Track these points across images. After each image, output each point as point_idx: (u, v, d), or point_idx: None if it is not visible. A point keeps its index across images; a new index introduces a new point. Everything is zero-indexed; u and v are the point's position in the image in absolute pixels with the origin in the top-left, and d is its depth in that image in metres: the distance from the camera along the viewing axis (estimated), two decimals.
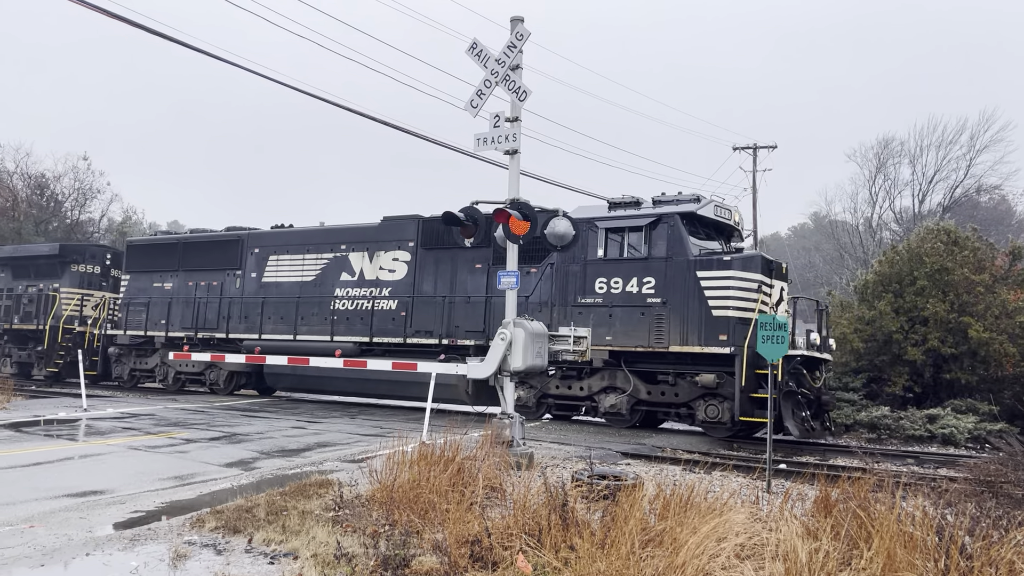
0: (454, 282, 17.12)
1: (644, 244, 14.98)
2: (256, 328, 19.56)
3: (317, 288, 18.97)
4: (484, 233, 10.84)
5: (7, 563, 5.41)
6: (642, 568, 4.63)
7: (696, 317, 14.21)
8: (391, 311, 17.73)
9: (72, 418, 14.72)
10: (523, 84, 10.11)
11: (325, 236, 19.49)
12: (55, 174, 48.13)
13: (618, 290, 15.10)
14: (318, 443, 12.46)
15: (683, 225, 14.70)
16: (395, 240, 18.14)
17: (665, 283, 14.60)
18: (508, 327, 9.99)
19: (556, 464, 10.09)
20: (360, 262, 18.50)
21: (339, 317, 18.42)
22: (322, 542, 5.91)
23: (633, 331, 14.83)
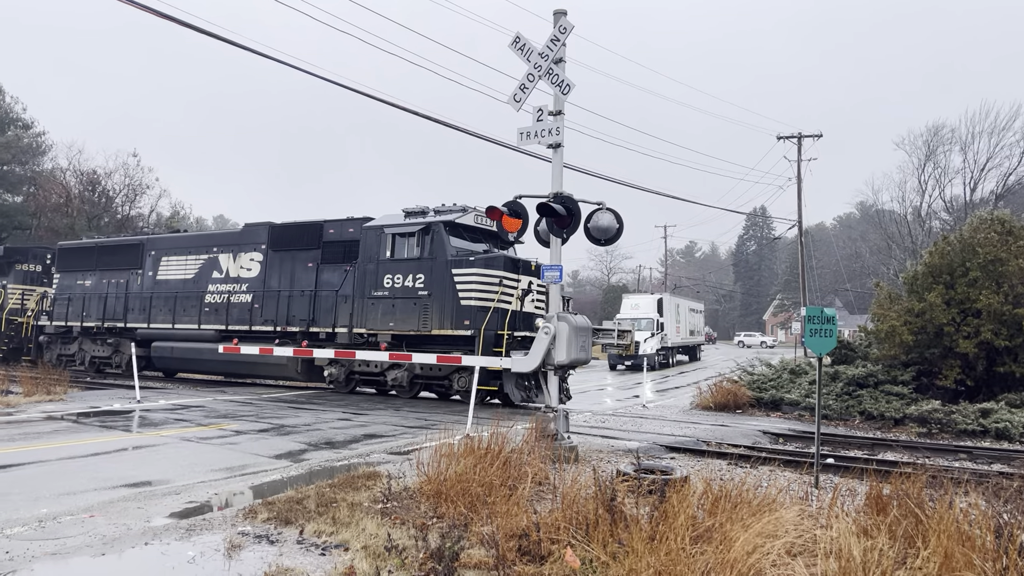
0: (292, 279, 20.17)
1: (417, 247, 18.01)
2: (148, 319, 22.87)
3: (195, 284, 22.14)
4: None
5: (70, 552, 5.58)
6: (692, 564, 4.62)
7: (450, 306, 17.19)
8: (247, 303, 20.87)
9: (126, 409, 15.09)
10: (566, 78, 10.08)
11: (203, 240, 23.11)
12: (106, 170, 49.34)
13: (399, 285, 18.13)
14: (364, 435, 12.61)
15: (446, 232, 17.67)
16: (252, 243, 21.30)
17: (431, 279, 17.62)
18: (552, 321, 10.00)
19: (602, 458, 10.09)
20: (227, 262, 21.71)
21: (209, 309, 21.62)
22: (372, 534, 6.00)
23: (408, 318, 17.84)
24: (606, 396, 22.96)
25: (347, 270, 19.00)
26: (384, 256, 18.44)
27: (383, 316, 18.17)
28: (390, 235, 18.42)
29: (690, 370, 39.20)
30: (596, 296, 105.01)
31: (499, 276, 16.95)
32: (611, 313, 67.29)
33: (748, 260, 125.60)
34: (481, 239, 18.47)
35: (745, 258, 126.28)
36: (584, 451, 10.48)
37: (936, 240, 22.19)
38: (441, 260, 17.51)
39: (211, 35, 12.47)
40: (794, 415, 17.56)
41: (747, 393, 18.97)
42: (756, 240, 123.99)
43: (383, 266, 18.41)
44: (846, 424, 16.36)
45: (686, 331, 46.43)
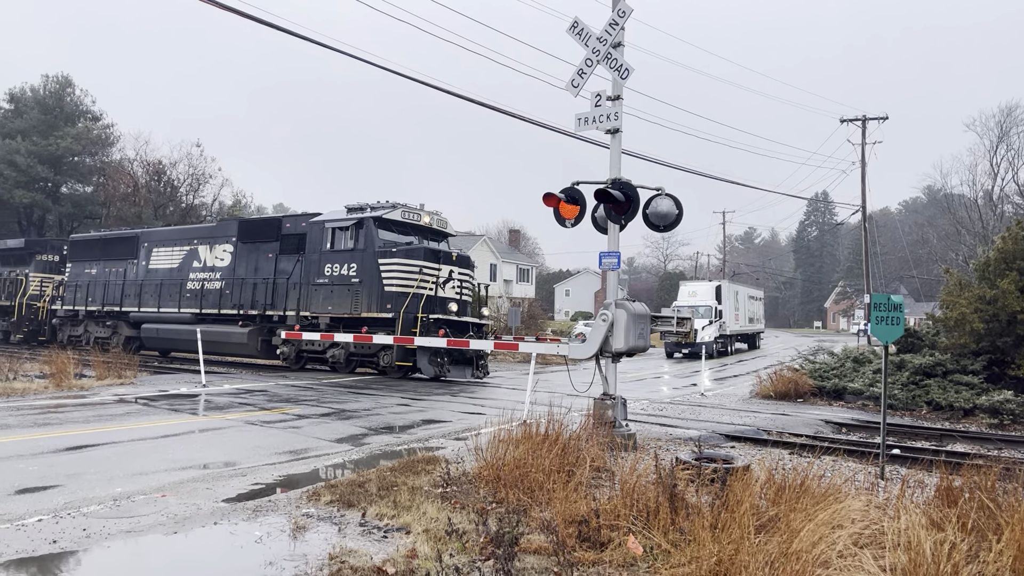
0: (256, 268, 22.42)
1: (351, 240, 20.08)
2: (139, 304, 25.49)
3: (179, 273, 24.59)
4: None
5: (144, 530, 5.78)
6: (756, 554, 4.56)
7: (377, 292, 19.34)
8: (219, 290, 23.19)
9: (192, 393, 15.53)
10: (625, 62, 9.96)
11: (186, 233, 25.74)
12: (171, 161, 50.64)
13: (336, 273, 20.28)
14: (423, 420, 12.75)
15: (375, 226, 19.79)
16: (224, 236, 23.60)
17: (362, 268, 19.73)
18: (610, 308, 9.94)
19: (660, 446, 10.02)
20: (205, 253, 24.04)
21: (190, 295, 24.00)
22: (432, 518, 6.06)
23: (343, 303, 20.02)
24: (663, 384, 22.77)
25: (299, 260, 21.31)
26: (325, 248, 20.61)
27: (323, 301, 20.42)
28: (330, 229, 20.63)
29: (749, 358, 38.63)
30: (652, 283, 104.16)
31: (419, 265, 19.22)
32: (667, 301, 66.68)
33: (809, 246, 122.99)
34: (409, 232, 20.70)
35: (806, 244, 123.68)
36: (642, 439, 10.42)
37: (1009, 225, 21.40)
38: (370, 251, 19.68)
39: (273, 26, 12.66)
40: (857, 405, 17.18)
41: (808, 382, 18.62)
42: (818, 226, 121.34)
43: (324, 256, 20.62)
44: (912, 414, 15.94)
45: (745, 319, 45.73)
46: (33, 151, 46.21)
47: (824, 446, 10.29)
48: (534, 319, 47.38)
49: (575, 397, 10.85)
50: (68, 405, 13.05)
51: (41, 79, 51.27)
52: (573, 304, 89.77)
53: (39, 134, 47.20)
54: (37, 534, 5.57)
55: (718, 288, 40.05)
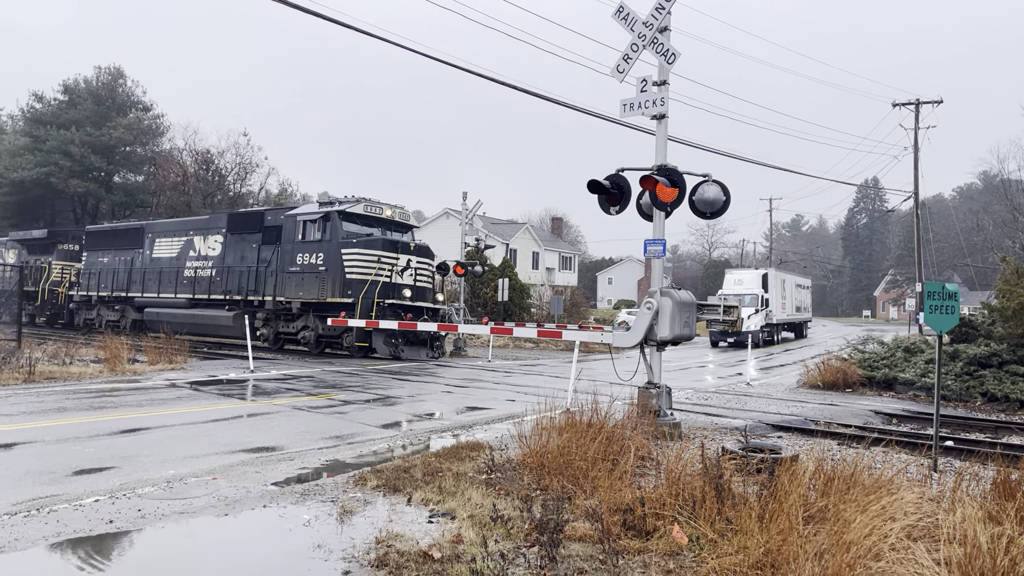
0: (242, 257, 24.18)
1: (319, 231, 21.88)
2: (143, 290, 27.56)
3: (177, 261, 26.54)
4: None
5: (196, 512, 5.90)
6: (805, 545, 4.49)
7: (340, 279, 20.97)
8: (210, 277, 24.99)
9: (241, 379, 15.81)
10: (672, 46, 9.83)
11: (184, 225, 27.71)
12: (219, 150, 51.46)
13: (307, 262, 21.96)
14: (466, 406, 12.82)
15: (339, 219, 21.53)
16: (216, 228, 25.49)
17: (327, 257, 21.44)
18: (655, 296, 9.85)
19: (705, 435, 9.93)
20: (200, 243, 25.95)
21: (186, 281, 25.88)
22: (477, 504, 6.09)
23: (312, 289, 21.64)
24: (707, 373, 22.56)
25: (276, 250, 23.11)
26: (298, 239, 22.45)
27: (295, 287, 22.15)
28: (301, 222, 22.46)
29: (796, 348, 38.05)
30: (696, 272, 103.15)
31: (377, 255, 21.08)
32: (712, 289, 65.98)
33: (858, 234, 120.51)
34: (373, 224, 22.54)
35: (855, 232, 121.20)
36: (687, 428, 10.34)
37: None
38: (335, 242, 21.42)
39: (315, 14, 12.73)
40: (908, 395, 16.82)
41: (857, 372, 18.27)
42: (867, 213, 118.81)
43: (296, 246, 22.44)
44: (966, 406, 15.55)
45: (792, 307, 45.02)
46: (87, 141, 47.32)
47: (874, 437, 10.10)
48: (576, 307, 47.26)
49: (619, 386, 10.79)
50: (122, 389, 13.38)
51: (94, 71, 52.51)
52: (616, 292, 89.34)
53: (92, 125, 48.30)
54: (94, 514, 5.73)
55: (764, 276, 39.45)
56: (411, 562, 4.74)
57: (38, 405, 11.15)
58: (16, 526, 5.39)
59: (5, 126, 58.78)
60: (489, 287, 36.45)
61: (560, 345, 32.25)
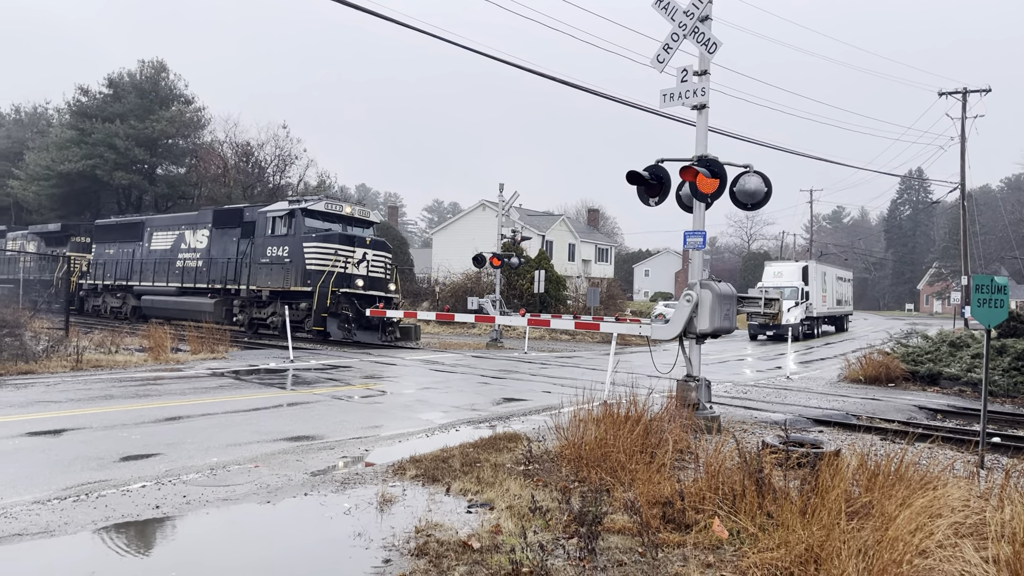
0: (224, 249, 25.96)
1: (285, 227, 23.87)
2: (141, 279, 29.45)
3: (171, 253, 28.48)
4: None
5: (239, 499, 6.00)
6: (848, 541, 4.43)
7: (302, 270, 22.82)
8: (199, 268, 26.86)
9: (281, 368, 16.02)
10: (713, 36, 9.71)
11: (178, 219, 29.79)
12: (258, 142, 51.97)
13: (275, 254, 23.91)
14: (503, 398, 12.85)
15: (302, 215, 23.47)
16: (203, 222, 27.42)
17: (292, 250, 23.32)
18: (694, 289, 9.77)
19: (745, 429, 9.84)
20: (190, 237, 27.87)
21: (178, 271, 27.73)
22: (515, 495, 6.11)
23: (279, 279, 23.56)
24: (746, 367, 22.32)
25: (251, 243, 24.95)
26: (268, 233, 24.36)
27: (265, 277, 24.07)
28: (271, 218, 24.39)
29: (836, 341, 37.51)
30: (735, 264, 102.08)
31: (334, 248, 22.86)
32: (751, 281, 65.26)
33: (902, 226, 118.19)
34: (334, 221, 24.30)
35: (898, 224, 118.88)
36: (726, 422, 10.25)
37: None
38: (298, 236, 23.32)
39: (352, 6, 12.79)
40: (954, 391, 16.48)
41: (900, 366, 17.94)
42: (911, 204, 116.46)
43: (267, 240, 24.33)
44: (1013, 402, 15.19)
45: (833, 300, 44.35)
46: (131, 134, 48.13)
47: (918, 432, 9.92)
48: (613, 299, 47.05)
49: (656, 379, 10.73)
50: (166, 378, 13.64)
51: (137, 64, 53.29)
52: (653, 284, 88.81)
53: (136, 118, 49.10)
54: (141, 499, 5.85)
55: (805, 269, 38.88)
56: (450, 551, 4.77)
57: (86, 392, 11.41)
58: (66, 510, 5.53)
59: (52, 119, 60.05)
60: (525, 279, 36.43)
61: (596, 337, 32.16)
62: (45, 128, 58.06)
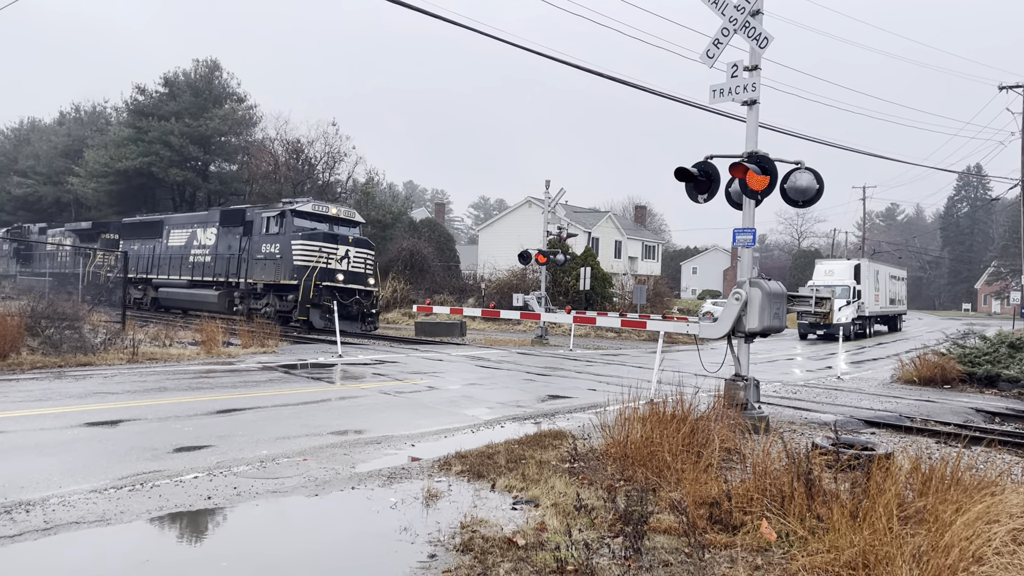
0: (229, 246, 28.47)
1: (277, 226, 26.21)
2: (158, 273, 32.21)
3: (184, 249, 31.04)
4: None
5: (288, 491, 6.10)
6: (901, 546, 4.33)
7: (290, 265, 25.04)
8: (207, 263, 29.37)
9: (329, 363, 16.23)
10: (764, 30, 9.56)
11: (192, 219, 32.76)
12: (308, 139, 52.62)
13: (268, 251, 26.31)
14: (548, 395, 12.84)
15: (291, 216, 25.79)
16: (212, 221, 30.13)
17: (282, 247, 25.62)
18: (743, 287, 9.64)
19: (794, 430, 9.69)
20: (201, 234, 30.49)
21: (189, 266, 30.29)
22: (561, 492, 6.10)
23: (271, 273, 25.97)
24: (796, 366, 21.96)
25: (250, 240, 27.34)
26: (263, 232, 26.73)
27: (260, 271, 26.48)
28: (265, 218, 26.83)
29: (889, 341, 36.69)
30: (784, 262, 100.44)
31: (318, 245, 25.01)
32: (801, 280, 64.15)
33: (959, 223, 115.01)
34: (321, 220, 26.46)
35: (955, 221, 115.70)
36: (775, 422, 10.10)
37: None
38: (287, 234, 25.56)
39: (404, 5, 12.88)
40: (1013, 393, 15.99)
41: (956, 367, 17.47)
42: (969, 201, 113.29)
43: (262, 238, 26.72)
44: None
45: (886, 299, 43.37)
46: (185, 132, 49.18)
47: (975, 436, 9.66)
48: (660, 297, 46.66)
49: (703, 377, 10.62)
50: (217, 371, 13.92)
51: (192, 63, 54.44)
52: (700, 282, 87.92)
53: (190, 116, 50.15)
54: (193, 490, 5.99)
55: (857, 267, 38.07)
56: (495, 548, 4.78)
57: (141, 384, 11.71)
58: (122, 499, 5.68)
59: (111, 118, 61.63)
60: (571, 276, 36.33)
61: (642, 335, 31.95)
62: (104, 126, 59.65)
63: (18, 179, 60.39)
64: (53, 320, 14.93)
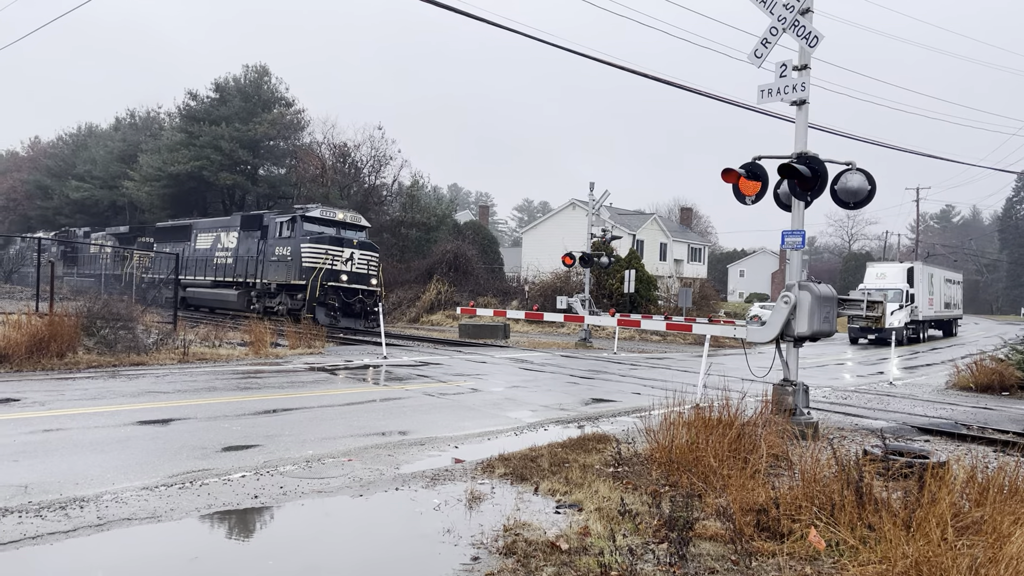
0: (248, 249, 30.89)
1: (288, 230, 28.57)
2: (186, 274, 33.54)
3: (209, 252, 33.53)
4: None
5: (333, 491, 6.15)
6: (957, 558, 4.20)
7: (299, 267, 27.21)
8: (229, 264, 31.73)
9: (375, 364, 16.37)
10: (814, 28, 9.39)
11: (216, 223, 35.10)
12: (355, 143, 53.19)
13: (281, 253, 28.57)
14: (592, 398, 12.77)
15: (301, 221, 28.12)
16: (234, 226, 32.69)
17: (293, 250, 27.86)
18: (792, 290, 9.47)
19: (844, 436, 9.48)
20: (224, 238, 32.98)
21: (214, 268, 32.70)
22: (604, 497, 6.05)
23: (282, 273, 28.29)
24: (846, 371, 21.52)
25: (266, 244, 29.71)
26: (276, 236, 29.13)
27: (273, 272, 28.85)
28: (279, 223, 29.18)
29: (944, 346, 35.77)
30: (834, 264, 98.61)
31: (325, 248, 27.16)
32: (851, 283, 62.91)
33: (1018, 225, 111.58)
34: (329, 226, 28.56)
35: (1015, 223, 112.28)
36: (824, 428, 9.90)
37: None
38: (297, 238, 27.83)
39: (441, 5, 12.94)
40: None
41: (1016, 374, 16.93)
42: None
43: (276, 241, 29.09)
44: None
45: (940, 303, 42.29)
46: (235, 136, 50.08)
47: None
48: (706, 300, 46.16)
49: (750, 382, 10.45)
50: (265, 372, 14.13)
51: (242, 69, 55.38)
52: (747, 285, 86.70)
53: (240, 120, 51.05)
54: (241, 488, 6.07)
55: (910, 270, 37.17)
56: (539, 552, 4.75)
57: (191, 384, 11.93)
58: (172, 496, 5.78)
59: (164, 123, 63.04)
60: (615, 278, 36.10)
61: (688, 339, 31.62)
62: (157, 132, 60.98)
63: (76, 183, 62.04)
64: (108, 321, 15.29)
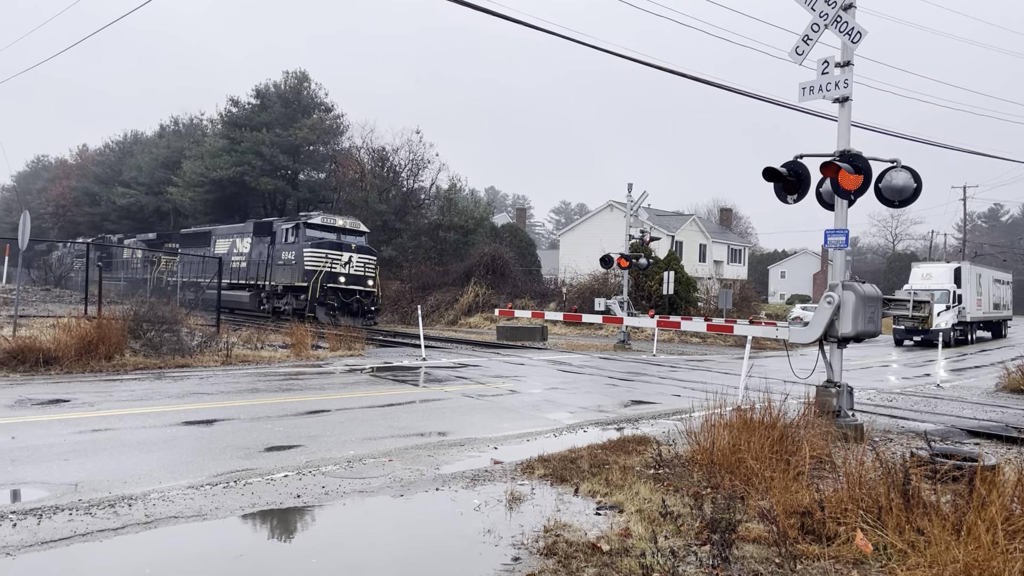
0: (259, 253, 33.12)
1: (292, 236, 30.72)
2: (204, 277, 34.95)
3: (226, 256, 34.43)
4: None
5: (374, 491, 6.20)
6: (1009, 561, 4.09)
7: (302, 269, 29.24)
8: (243, 268, 34.12)
9: (414, 366, 16.46)
10: (857, 24, 9.24)
11: (232, 230, 37.63)
12: (393, 147, 53.60)
13: (286, 257, 30.80)
14: (631, 400, 12.70)
15: (304, 227, 30.35)
16: (247, 232, 34.93)
17: (296, 254, 30.00)
18: (836, 290, 9.32)
19: (890, 439, 9.30)
20: (239, 243, 35.49)
21: (230, 271, 33.55)
22: (645, 498, 6.01)
23: (287, 276, 30.40)
24: (891, 373, 21.12)
25: (274, 248, 31.93)
26: (283, 241, 31.39)
27: (280, 275, 31.07)
28: (284, 229, 31.59)
29: (993, 348, 34.91)
30: (878, 265, 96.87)
31: (325, 252, 29.31)
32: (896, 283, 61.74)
33: None
34: (330, 231, 30.82)
35: None
36: (869, 430, 9.72)
37: None
38: (300, 243, 29.98)
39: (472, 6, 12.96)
40: None
41: None
42: None
43: (282, 246, 31.36)
44: None
45: (989, 304, 41.28)
46: (276, 142, 50.78)
47: None
48: (746, 301, 45.64)
49: (792, 384, 10.32)
50: (306, 373, 14.29)
51: (282, 75, 56.23)
52: (788, 286, 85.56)
53: (280, 126, 51.75)
54: (283, 488, 6.15)
55: (957, 270, 36.35)
56: (579, 553, 4.74)
57: (234, 386, 12.11)
58: (216, 495, 5.87)
59: (206, 130, 64.16)
60: (653, 280, 35.86)
61: (728, 340, 31.29)
62: (200, 138, 62.08)
63: (122, 190, 63.40)
64: (153, 324, 15.59)
